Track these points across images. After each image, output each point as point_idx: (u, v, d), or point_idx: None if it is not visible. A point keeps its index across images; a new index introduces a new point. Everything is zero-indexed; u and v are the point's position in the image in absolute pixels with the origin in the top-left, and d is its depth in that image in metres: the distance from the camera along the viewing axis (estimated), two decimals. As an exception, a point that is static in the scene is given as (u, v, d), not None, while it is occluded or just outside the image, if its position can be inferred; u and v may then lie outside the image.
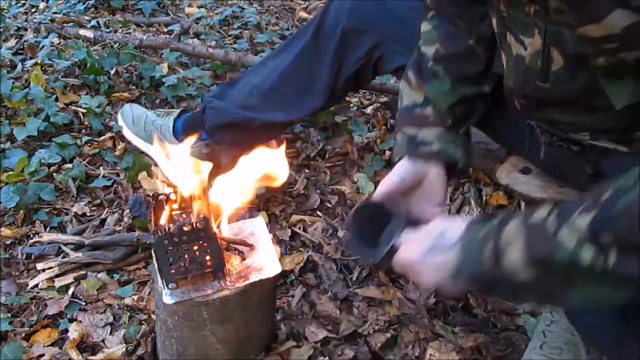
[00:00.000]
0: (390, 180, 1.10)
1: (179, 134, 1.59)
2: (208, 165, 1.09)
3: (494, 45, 1.07)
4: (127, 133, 1.70)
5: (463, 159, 1.10)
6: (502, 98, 1.21)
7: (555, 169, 1.23)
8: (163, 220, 1.03)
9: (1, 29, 2.40)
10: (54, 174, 1.65)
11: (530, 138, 1.17)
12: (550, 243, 0.74)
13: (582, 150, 1.03)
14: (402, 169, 1.09)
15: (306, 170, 1.71)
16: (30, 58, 2.19)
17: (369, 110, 1.99)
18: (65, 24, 2.44)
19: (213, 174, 1.11)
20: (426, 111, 1.12)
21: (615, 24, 0.77)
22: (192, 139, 1.15)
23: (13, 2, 2.69)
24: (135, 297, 1.33)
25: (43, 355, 1.21)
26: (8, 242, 1.47)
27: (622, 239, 0.70)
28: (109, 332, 1.27)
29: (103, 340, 1.25)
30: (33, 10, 2.66)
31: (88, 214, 1.56)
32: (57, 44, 2.29)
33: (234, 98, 1.52)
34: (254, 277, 1.06)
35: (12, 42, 2.33)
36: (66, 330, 1.26)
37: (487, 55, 1.11)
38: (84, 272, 1.39)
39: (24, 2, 2.71)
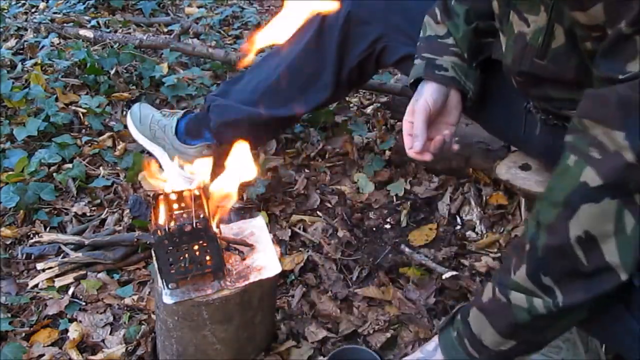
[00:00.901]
0: (425, 103, 1.14)
1: (182, 135, 1.59)
2: (208, 163, 1.09)
3: None
4: (133, 131, 1.70)
5: (473, 92, 1.19)
6: (498, 84, 1.23)
7: (550, 149, 1.23)
8: (162, 218, 1.02)
9: (1, 29, 2.40)
10: (54, 174, 1.65)
11: (526, 120, 1.22)
12: (508, 312, 0.87)
13: None
14: (431, 92, 1.15)
15: (306, 170, 1.71)
16: (30, 58, 2.19)
17: (369, 110, 1.99)
18: (65, 24, 2.44)
19: (214, 175, 1.11)
20: (447, 40, 1.19)
21: (598, 16, 0.81)
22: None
23: (13, 2, 2.69)
24: (135, 297, 1.33)
25: (43, 355, 1.21)
26: (8, 242, 1.47)
27: (557, 275, 0.82)
28: (109, 332, 1.27)
29: (103, 340, 1.25)
30: (33, 10, 2.66)
31: (88, 214, 1.56)
32: (57, 44, 2.29)
33: (238, 95, 1.52)
34: (254, 277, 1.06)
35: (12, 42, 2.33)
36: (66, 330, 1.26)
37: None
38: (84, 272, 1.39)
39: (24, 2, 2.71)
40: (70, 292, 1.35)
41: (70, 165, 1.69)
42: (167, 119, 1.63)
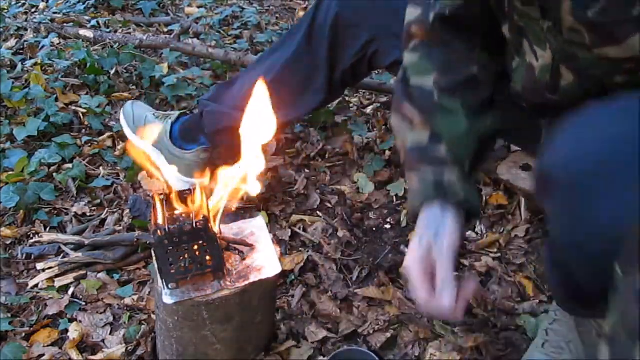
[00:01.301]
0: (452, 241, 0.93)
1: (177, 139, 1.58)
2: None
3: (496, 72, 1.03)
4: (128, 132, 1.70)
5: (479, 207, 1.00)
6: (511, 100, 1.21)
7: None
8: (162, 218, 1.02)
9: (1, 29, 2.40)
10: (54, 174, 1.65)
11: (546, 134, 1.14)
12: None
13: None
14: (453, 223, 0.94)
15: (306, 170, 1.71)
16: (30, 58, 2.19)
17: (369, 110, 1.99)
18: (65, 24, 2.44)
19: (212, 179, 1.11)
20: (440, 151, 0.98)
21: (635, 47, 0.75)
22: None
23: (13, 2, 2.69)
24: (135, 297, 1.33)
25: (43, 355, 1.21)
26: (8, 242, 1.47)
27: None
28: (109, 332, 1.27)
29: (103, 340, 1.25)
30: (33, 10, 2.66)
31: (88, 214, 1.57)
32: (57, 44, 2.29)
33: (231, 100, 1.51)
34: (254, 277, 1.06)
35: (12, 42, 2.33)
36: (66, 330, 1.26)
37: (492, 83, 1.03)
38: (84, 272, 1.39)
39: (24, 2, 2.71)
40: (70, 292, 1.35)
41: (70, 165, 1.69)
42: (160, 122, 1.62)
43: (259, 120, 1.09)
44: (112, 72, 2.05)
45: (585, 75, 0.87)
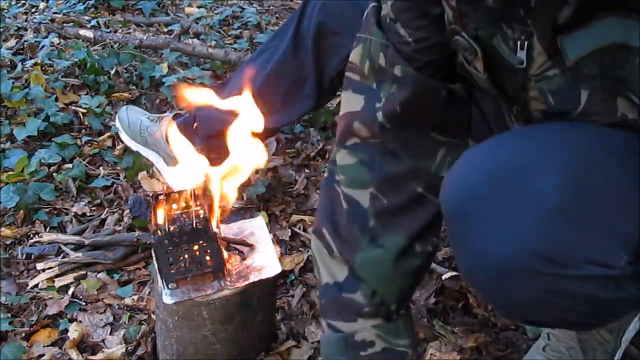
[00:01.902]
0: None
1: None
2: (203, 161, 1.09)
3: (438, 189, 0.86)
4: (124, 137, 1.70)
5: (412, 349, 0.91)
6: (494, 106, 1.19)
7: None
8: (162, 218, 1.02)
9: (1, 29, 2.40)
10: (54, 174, 1.65)
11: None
12: None
13: None
14: None
15: (306, 170, 1.71)
16: (30, 58, 2.19)
17: (369, 110, 1.98)
18: (65, 24, 2.44)
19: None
20: (357, 297, 0.88)
21: None
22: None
23: (13, 2, 2.69)
24: (135, 297, 1.33)
25: (43, 355, 1.21)
26: (8, 242, 1.47)
27: None
28: (109, 332, 1.27)
29: (103, 340, 1.25)
30: (33, 10, 2.66)
31: (88, 214, 1.56)
32: (57, 44, 2.29)
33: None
34: (254, 277, 1.06)
35: (12, 42, 2.33)
36: (66, 330, 1.26)
37: (437, 205, 0.83)
38: (84, 272, 1.39)
39: (24, 2, 2.71)
40: (70, 292, 1.35)
41: (70, 165, 1.69)
42: (155, 125, 1.62)
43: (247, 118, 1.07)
44: (112, 72, 2.05)
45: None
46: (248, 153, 1.10)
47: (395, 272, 0.88)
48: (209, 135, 1.52)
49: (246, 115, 1.08)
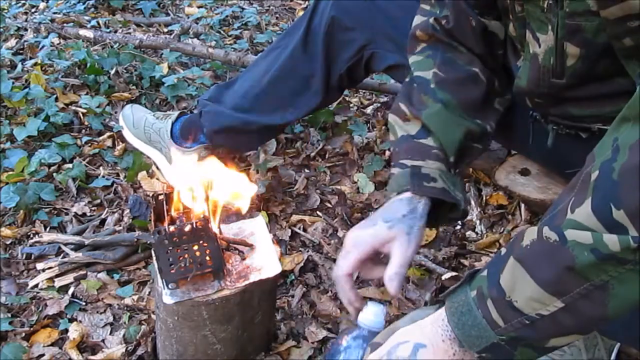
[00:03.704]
0: (420, 232, 0.93)
1: (177, 138, 1.59)
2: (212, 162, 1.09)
3: (493, 82, 1.07)
4: (128, 135, 1.70)
5: (464, 203, 0.99)
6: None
7: (561, 158, 1.21)
8: (162, 218, 1.03)
9: (1, 29, 2.40)
10: (54, 174, 1.65)
11: (533, 129, 1.15)
12: (561, 253, 0.64)
13: (590, 136, 1.02)
14: (422, 213, 0.94)
15: (306, 170, 1.71)
16: (30, 58, 2.19)
17: (369, 110, 1.99)
18: (65, 24, 2.44)
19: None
20: (427, 141, 1.00)
21: (634, 4, 0.75)
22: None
23: (13, 2, 2.69)
24: (135, 297, 1.33)
25: (43, 355, 1.21)
26: (8, 242, 1.47)
27: (633, 206, 0.60)
28: (109, 332, 1.27)
29: (103, 340, 1.25)
30: (33, 10, 2.66)
31: (88, 214, 1.56)
32: (57, 44, 2.29)
33: (230, 100, 1.51)
34: (254, 277, 1.06)
35: (12, 42, 2.33)
36: (66, 330, 1.26)
37: (490, 87, 1.06)
38: (84, 272, 1.39)
39: (24, 2, 2.71)
40: (70, 292, 1.35)
41: (70, 165, 1.69)
42: (161, 122, 1.63)
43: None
44: (112, 72, 2.05)
45: (592, 45, 0.86)
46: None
47: (454, 124, 1.01)
48: (214, 131, 1.53)
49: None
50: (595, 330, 0.77)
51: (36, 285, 1.36)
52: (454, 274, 1.35)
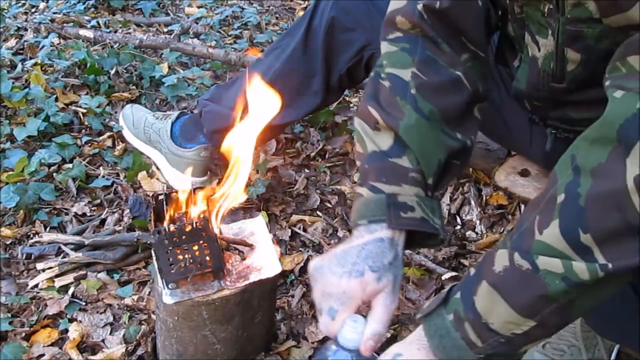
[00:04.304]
0: (400, 273, 0.88)
1: (177, 138, 1.59)
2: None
3: (476, 86, 0.96)
4: (128, 135, 1.71)
5: (442, 231, 0.91)
6: (498, 92, 1.20)
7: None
8: (162, 218, 1.03)
9: (1, 29, 2.40)
10: (54, 174, 1.65)
11: (532, 133, 1.15)
12: (534, 282, 0.68)
13: None
14: (400, 249, 0.87)
15: (306, 170, 1.71)
16: (30, 58, 2.19)
17: (369, 110, 1.98)
18: (65, 24, 2.44)
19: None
20: (402, 162, 0.89)
21: (634, 16, 0.74)
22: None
23: (13, 2, 2.69)
24: (135, 297, 1.33)
25: (43, 355, 1.21)
26: (8, 242, 1.47)
27: (600, 231, 0.64)
28: (109, 332, 1.27)
29: (103, 340, 1.25)
30: (33, 10, 2.66)
31: (88, 214, 1.56)
32: (57, 44, 2.29)
33: (230, 101, 1.51)
34: (254, 277, 1.06)
35: (12, 42, 2.33)
36: (66, 330, 1.26)
37: (474, 92, 0.95)
38: (84, 272, 1.39)
39: (24, 2, 2.71)
40: (70, 292, 1.35)
41: (70, 165, 1.69)
42: (160, 122, 1.63)
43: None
44: (112, 72, 2.05)
45: (593, 51, 0.85)
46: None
47: (435, 141, 0.90)
48: (214, 131, 1.52)
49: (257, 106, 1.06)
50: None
51: (36, 285, 1.36)
52: (454, 274, 1.35)
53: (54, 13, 2.58)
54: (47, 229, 1.51)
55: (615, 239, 0.64)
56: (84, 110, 1.89)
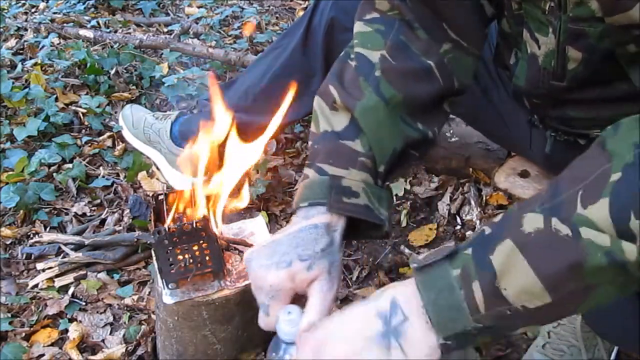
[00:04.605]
0: (340, 266, 0.83)
1: (177, 138, 1.59)
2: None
3: (451, 80, 0.92)
4: (127, 135, 1.71)
5: (388, 224, 0.86)
6: (498, 92, 1.19)
7: (559, 165, 1.21)
8: (162, 219, 1.03)
9: (1, 29, 2.40)
10: (54, 174, 1.65)
11: (532, 135, 1.14)
12: (572, 250, 0.60)
13: (588, 142, 1.01)
14: (339, 236, 0.82)
15: (306, 170, 1.71)
16: (30, 58, 2.19)
17: (369, 110, 1.98)
18: (65, 24, 2.44)
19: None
20: (354, 145, 0.85)
21: (636, 15, 0.73)
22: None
23: (13, 2, 2.69)
24: (135, 297, 1.33)
25: (43, 355, 1.21)
26: (8, 242, 1.47)
27: None
28: (109, 332, 1.27)
29: (103, 340, 1.25)
30: (33, 10, 2.66)
31: (88, 214, 1.57)
32: (57, 44, 2.29)
33: (230, 101, 1.51)
34: (254, 277, 1.06)
35: (12, 42, 2.33)
36: (66, 330, 1.26)
37: (446, 86, 0.91)
38: (84, 272, 1.39)
39: (24, 2, 2.71)
40: (70, 292, 1.35)
41: (70, 165, 1.69)
42: (160, 122, 1.63)
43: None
44: (112, 72, 2.05)
45: (595, 50, 0.83)
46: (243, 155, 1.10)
47: (392, 128, 0.86)
48: None
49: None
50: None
51: (36, 285, 1.36)
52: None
53: (54, 13, 2.58)
54: (47, 229, 1.51)
55: None
56: (84, 110, 1.89)
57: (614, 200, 0.59)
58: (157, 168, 1.65)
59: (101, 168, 1.71)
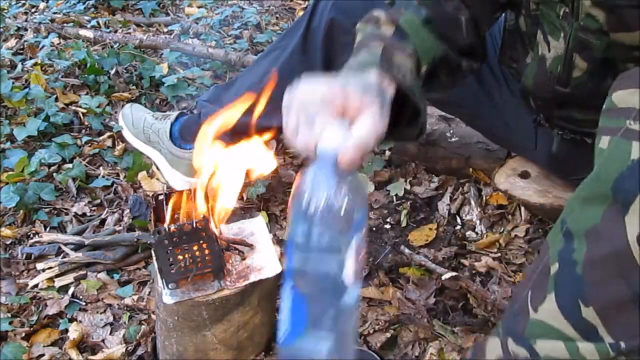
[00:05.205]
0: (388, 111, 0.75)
1: (177, 139, 1.59)
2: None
3: (476, 38, 0.95)
4: (127, 134, 1.71)
5: (424, 115, 0.82)
6: (499, 91, 1.19)
7: (565, 164, 1.20)
8: (162, 219, 1.03)
9: (1, 29, 2.40)
10: (54, 174, 1.65)
11: (538, 134, 1.14)
12: None
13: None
14: (390, 95, 0.75)
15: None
16: (30, 58, 2.19)
17: (369, 110, 1.98)
18: (65, 24, 2.44)
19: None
20: (402, 42, 0.86)
21: (636, 37, 0.75)
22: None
23: (13, 2, 2.69)
24: (135, 297, 1.33)
25: (43, 355, 1.21)
26: (8, 242, 1.47)
27: (603, 302, 0.55)
28: (109, 332, 1.27)
29: (103, 340, 1.25)
30: (33, 10, 2.66)
31: (88, 214, 1.57)
32: (57, 44, 2.29)
33: (229, 102, 1.51)
34: (254, 277, 1.06)
35: (12, 42, 2.33)
36: (66, 330, 1.26)
37: (467, 46, 0.94)
38: (84, 272, 1.39)
39: (24, 2, 2.71)
40: (70, 292, 1.35)
41: (70, 165, 1.69)
42: (160, 123, 1.63)
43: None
44: (112, 72, 2.05)
45: (599, 61, 0.85)
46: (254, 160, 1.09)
47: (432, 39, 0.88)
48: None
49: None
50: None
51: (36, 285, 1.36)
52: (454, 273, 1.35)
53: (54, 13, 2.58)
54: (47, 229, 1.51)
55: (623, 311, 0.55)
56: (84, 110, 1.89)
57: (559, 294, 0.57)
58: (157, 168, 1.66)
59: (101, 168, 1.71)
